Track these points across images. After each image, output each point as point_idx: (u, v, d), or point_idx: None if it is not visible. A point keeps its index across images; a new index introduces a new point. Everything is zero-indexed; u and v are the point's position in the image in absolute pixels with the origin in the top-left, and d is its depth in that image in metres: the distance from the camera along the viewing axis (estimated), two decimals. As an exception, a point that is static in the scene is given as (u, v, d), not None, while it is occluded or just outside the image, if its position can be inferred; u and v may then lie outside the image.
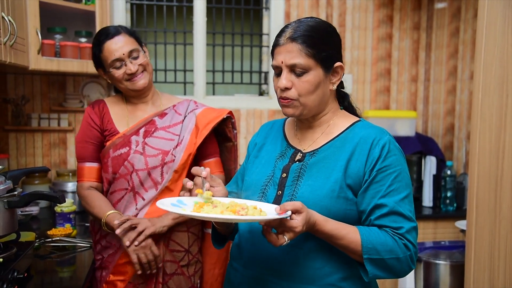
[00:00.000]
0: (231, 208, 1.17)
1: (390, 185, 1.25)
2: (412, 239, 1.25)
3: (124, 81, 1.81)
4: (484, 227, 2.01)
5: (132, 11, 3.20)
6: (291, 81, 1.28)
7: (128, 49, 1.79)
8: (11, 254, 1.58)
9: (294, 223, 1.11)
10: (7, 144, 2.90)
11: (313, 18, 1.33)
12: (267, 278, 1.30)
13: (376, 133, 1.30)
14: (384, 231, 1.24)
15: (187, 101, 1.96)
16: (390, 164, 1.26)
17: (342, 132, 1.34)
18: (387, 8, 3.42)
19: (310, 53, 1.26)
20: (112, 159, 1.82)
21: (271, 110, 3.31)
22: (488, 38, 1.97)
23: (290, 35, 1.27)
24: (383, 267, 1.23)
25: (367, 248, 1.21)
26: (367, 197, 1.26)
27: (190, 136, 1.86)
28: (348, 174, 1.27)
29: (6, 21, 1.86)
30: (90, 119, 1.87)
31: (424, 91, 3.53)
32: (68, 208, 2.28)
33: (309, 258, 1.27)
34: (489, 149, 1.98)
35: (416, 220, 1.29)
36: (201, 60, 3.27)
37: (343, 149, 1.30)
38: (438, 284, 2.66)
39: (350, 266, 1.28)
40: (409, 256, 1.25)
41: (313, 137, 1.38)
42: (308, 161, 1.32)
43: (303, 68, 1.26)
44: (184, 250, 1.88)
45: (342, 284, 1.28)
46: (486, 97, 1.99)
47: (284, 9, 3.27)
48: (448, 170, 2.97)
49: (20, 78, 2.92)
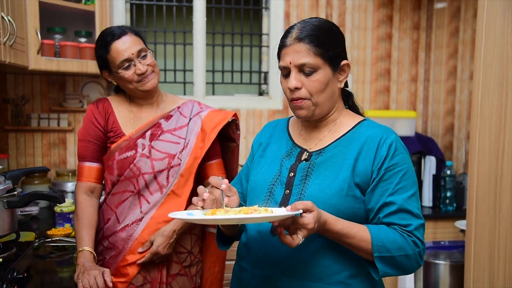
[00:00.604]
0: (243, 211, 1.17)
1: (398, 183, 1.26)
2: (420, 236, 1.27)
3: (135, 82, 1.78)
4: (484, 227, 2.01)
5: (131, 11, 3.20)
6: (301, 81, 1.29)
7: (136, 48, 1.76)
8: (11, 254, 1.58)
9: (306, 220, 1.12)
10: (6, 144, 2.90)
11: (317, 18, 1.34)
12: (276, 276, 1.31)
13: (383, 132, 1.31)
14: (393, 229, 1.26)
15: (191, 102, 1.95)
16: (397, 163, 1.27)
17: (348, 131, 1.35)
18: (386, 8, 3.42)
19: (318, 52, 1.27)
20: (117, 162, 1.80)
21: (271, 110, 3.31)
22: (488, 38, 1.97)
23: (297, 36, 1.28)
24: (393, 264, 1.24)
25: (377, 246, 1.22)
26: (375, 195, 1.27)
27: (196, 140, 1.85)
28: (356, 172, 1.28)
29: (6, 21, 1.86)
30: (94, 118, 1.83)
31: (423, 91, 3.53)
32: (67, 208, 2.29)
33: (317, 256, 1.28)
34: (489, 149, 1.98)
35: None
36: (201, 60, 3.27)
37: (350, 148, 1.31)
38: (438, 284, 2.66)
39: (358, 264, 1.29)
40: (418, 252, 1.26)
41: (319, 136, 1.38)
42: (315, 160, 1.33)
43: (312, 67, 1.27)
44: (187, 252, 1.88)
45: (351, 282, 1.28)
46: (485, 97, 1.99)
47: (284, 9, 3.27)
48: (447, 170, 2.97)
49: (20, 78, 2.92)
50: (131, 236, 1.79)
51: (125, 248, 1.79)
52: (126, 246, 1.79)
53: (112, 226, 1.82)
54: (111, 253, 1.82)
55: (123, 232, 1.80)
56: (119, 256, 1.80)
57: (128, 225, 1.80)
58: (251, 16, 3.40)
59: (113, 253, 1.81)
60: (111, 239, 1.82)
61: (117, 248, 1.80)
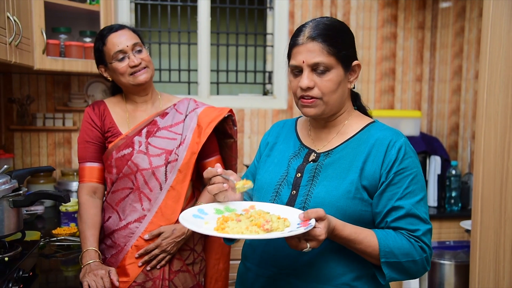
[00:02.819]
0: (255, 221, 1.17)
1: (407, 188, 1.25)
2: (428, 241, 1.26)
3: (127, 75, 1.80)
4: (489, 227, 2.01)
5: (136, 11, 3.21)
6: (313, 81, 1.27)
7: (131, 42, 1.80)
8: (17, 253, 1.58)
9: (318, 231, 1.11)
10: (12, 144, 2.91)
11: (328, 18, 1.32)
12: (281, 277, 1.30)
13: (392, 135, 1.29)
14: (400, 234, 1.25)
15: (187, 100, 1.97)
16: (407, 167, 1.26)
17: (357, 133, 1.34)
18: (391, 7, 3.41)
19: (332, 51, 1.25)
20: (115, 160, 1.82)
21: (275, 110, 3.30)
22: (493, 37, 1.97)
23: (310, 34, 1.26)
24: (400, 270, 1.24)
25: (385, 252, 1.21)
26: (383, 199, 1.26)
27: (192, 135, 1.87)
28: (364, 175, 1.26)
29: (12, 21, 1.87)
30: (90, 120, 1.87)
31: (428, 90, 3.52)
32: (72, 208, 2.29)
33: (323, 258, 1.27)
34: (494, 148, 1.97)
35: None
36: (205, 60, 3.27)
37: (358, 150, 1.30)
38: (443, 284, 2.66)
39: (364, 266, 1.28)
40: (425, 258, 1.26)
41: (327, 137, 1.37)
42: (323, 161, 1.32)
43: (326, 66, 1.26)
44: (189, 249, 1.88)
45: (356, 284, 1.28)
46: (491, 97, 1.98)
47: (288, 8, 3.27)
48: (453, 170, 2.96)
49: (25, 78, 2.93)
50: (133, 234, 1.80)
51: (127, 245, 1.80)
52: (128, 243, 1.80)
53: (113, 223, 1.84)
54: (112, 251, 1.83)
55: (125, 229, 1.81)
56: (120, 254, 1.81)
57: (130, 222, 1.81)
58: (256, 16, 3.40)
59: (114, 252, 1.82)
60: (112, 237, 1.83)
61: (118, 246, 1.81)
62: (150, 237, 1.78)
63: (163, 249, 1.79)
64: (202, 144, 1.86)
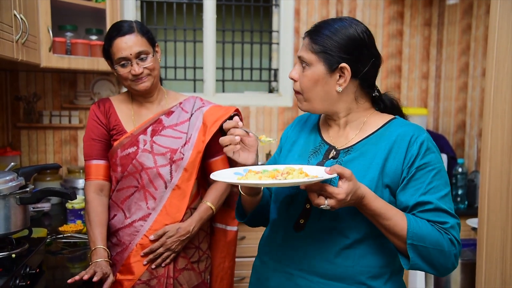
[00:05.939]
0: (271, 174, 1.18)
1: (430, 183, 1.22)
2: (457, 236, 1.23)
3: (129, 80, 1.80)
4: (495, 225, 2.00)
5: (142, 9, 3.21)
6: (299, 74, 1.32)
7: (136, 50, 1.76)
8: (24, 250, 1.59)
9: (336, 189, 1.09)
10: (19, 141, 2.93)
11: (343, 22, 1.30)
12: (298, 273, 1.30)
13: (414, 130, 1.27)
14: (431, 224, 1.21)
15: (193, 98, 1.96)
16: (429, 162, 1.24)
17: (378, 129, 1.32)
18: (397, 4, 3.39)
19: (314, 48, 1.28)
20: (120, 159, 1.82)
21: (280, 107, 3.30)
22: (501, 35, 1.95)
23: (308, 30, 1.32)
24: (426, 257, 1.19)
25: (412, 233, 1.17)
26: (406, 195, 1.24)
27: (198, 134, 1.87)
28: (385, 172, 1.24)
29: (18, 19, 1.87)
30: (96, 117, 1.87)
31: (435, 88, 3.50)
32: (79, 205, 2.30)
33: (340, 256, 1.26)
34: (501, 146, 1.96)
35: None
36: (211, 58, 3.27)
37: (379, 147, 1.28)
38: (449, 282, 2.65)
39: (381, 265, 1.27)
40: (454, 253, 1.22)
41: (346, 135, 1.36)
42: (343, 158, 1.30)
43: (306, 62, 1.29)
44: (194, 247, 1.89)
45: (372, 283, 1.26)
46: (498, 94, 1.97)
47: (294, 6, 3.26)
48: (459, 167, 2.95)
49: (32, 75, 2.94)
50: (138, 232, 1.81)
51: (132, 244, 1.80)
52: (133, 241, 1.80)
53: (119, 221, 1.84)
54: (118, 249, 1.83)
55: (130, 227, 1.82)
56: (125, 252, 1.81)
57: (136, 220, 1.82)
58: (261, 13, 3.40)
59: (119, 250, 1.83)
60: (117, 235, 1.84)
61: (123, 244, 1.82)
62: (155, 237, 1.79)
63: (168, 248, 1.79)
64: (207, 144, 1.86)
